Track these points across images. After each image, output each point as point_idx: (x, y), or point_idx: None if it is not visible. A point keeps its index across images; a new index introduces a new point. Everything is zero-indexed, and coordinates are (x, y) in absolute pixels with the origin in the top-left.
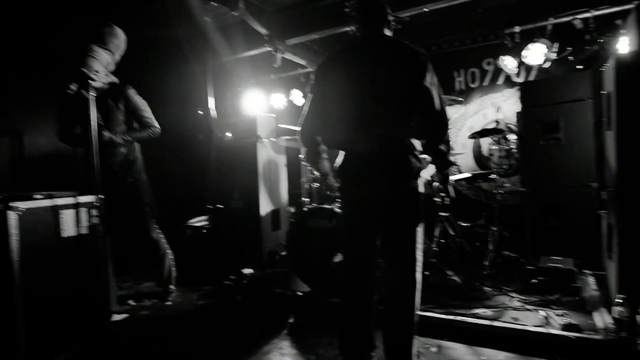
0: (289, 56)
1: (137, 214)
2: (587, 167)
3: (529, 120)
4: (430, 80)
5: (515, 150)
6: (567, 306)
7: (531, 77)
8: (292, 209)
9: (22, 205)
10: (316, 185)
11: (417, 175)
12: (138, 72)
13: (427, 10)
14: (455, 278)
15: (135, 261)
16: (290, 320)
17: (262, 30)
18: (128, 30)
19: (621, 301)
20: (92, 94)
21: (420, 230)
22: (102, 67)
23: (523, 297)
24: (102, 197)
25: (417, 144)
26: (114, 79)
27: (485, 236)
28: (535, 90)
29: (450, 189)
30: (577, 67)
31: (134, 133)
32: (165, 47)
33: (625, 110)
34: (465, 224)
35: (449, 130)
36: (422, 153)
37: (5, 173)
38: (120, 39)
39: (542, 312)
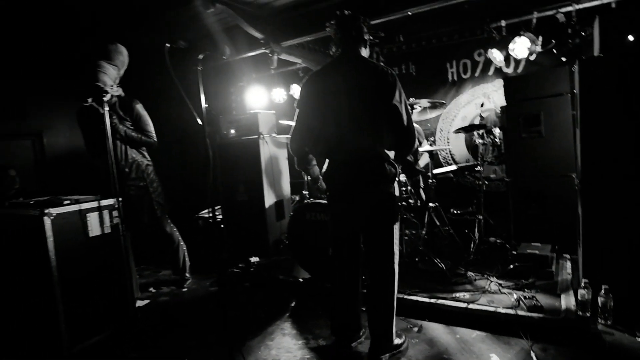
0: (284, 56)
1: (150, 213)
2: (566, 158)
3: (512, 114)
4: (399, 98)
5: (499, 143)
6: (540, 289)
7: (520, 68)
8: (297, 197)
9: (54, 210)
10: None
11: (393, 181)
12: (148, 74)
13: (410, 13)
14: (442, 264)
15: (154, 252)
16: (292, 304)
17: (257, 35)
18: (139, 38)
19: (584, 284)
20: (106, 109)
21: (396, 228)
22: (111, 81)
23: (501, 282)
24: (121, 199)
25: (391, 153)
26: (121, 92)
27: (474, 223)
28: (517, 85)
29: (422, 193)
30: (562, 59)
31: (133, 132)
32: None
33: (585, 112)
34: (456, 212)
35: (416, 143)
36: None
37: (29, 173)
38: (124, 55)
39: (515, 295)
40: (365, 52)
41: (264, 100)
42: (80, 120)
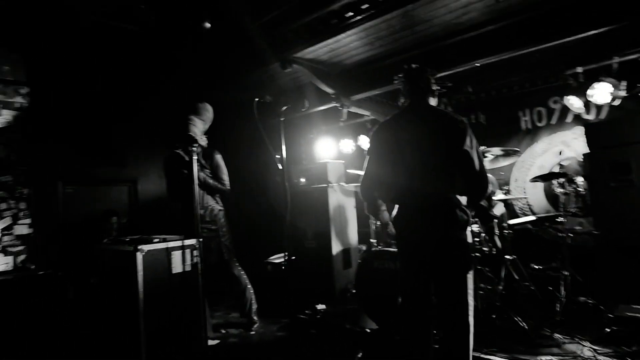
0: (354, 109)
1: (217, 255)
2: None
3: (597, 162)
4: (470, 144)
5: (583, 192)
6: None
7: (603, 114)
8: (363, 247)
9: (145, 247)
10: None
11: (465, 227)
12: (231, 126)
13: (478, 65)
14: (523, 323)
15: (224, 293)
16: (359, 355)
17: (329, 90)
18: (227, 93)
19: None
20: (195, 157)
21: (470, 277)
22: (199, 132)
23: (596, 347)
24: (202, 240)
25: (462, 199)
26: (206, 142)
27: (559, 279)
28: (601, 131)
29: (497, 240)
30: None
31: (210, 179)
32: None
33: None
34: (537, 267)
35: (489, 188)
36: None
37: (123, 214)
38: (210, 112)
39: None
40: (433, 102)
41: (332, 151)
42: (167, 165)
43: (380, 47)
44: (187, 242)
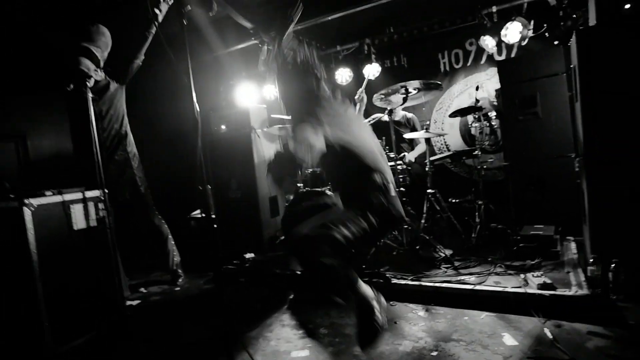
0: None
1: (132, 189)
2: (565, 139)
3: (507, 97)
4: None
5: (496, 127)
6: (547, 269)
7: (512, 55)
8: (291, 197)
9: (35, 201)
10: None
11: None
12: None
13: None
14: (445, 251)
15: (142, 255)
16: (290, 297)
17: (247, 24)
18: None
19: (593, 260)
20: (90, 94)
21: None
22: (95, 65)
23: (506, 263)
24: (107, 191)
25: None
26: (102, 77)
27: (474, 211)
28: (511, 68)
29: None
30: (554, 43)
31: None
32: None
33: (586, 82)
34: (454, 200)
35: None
36: None
37: (12, 177)
38: (107, 37)
39: (522, 275)
40: None
41: (255, 97)
42: (69, 107)
43: None
44: (90, 194)
